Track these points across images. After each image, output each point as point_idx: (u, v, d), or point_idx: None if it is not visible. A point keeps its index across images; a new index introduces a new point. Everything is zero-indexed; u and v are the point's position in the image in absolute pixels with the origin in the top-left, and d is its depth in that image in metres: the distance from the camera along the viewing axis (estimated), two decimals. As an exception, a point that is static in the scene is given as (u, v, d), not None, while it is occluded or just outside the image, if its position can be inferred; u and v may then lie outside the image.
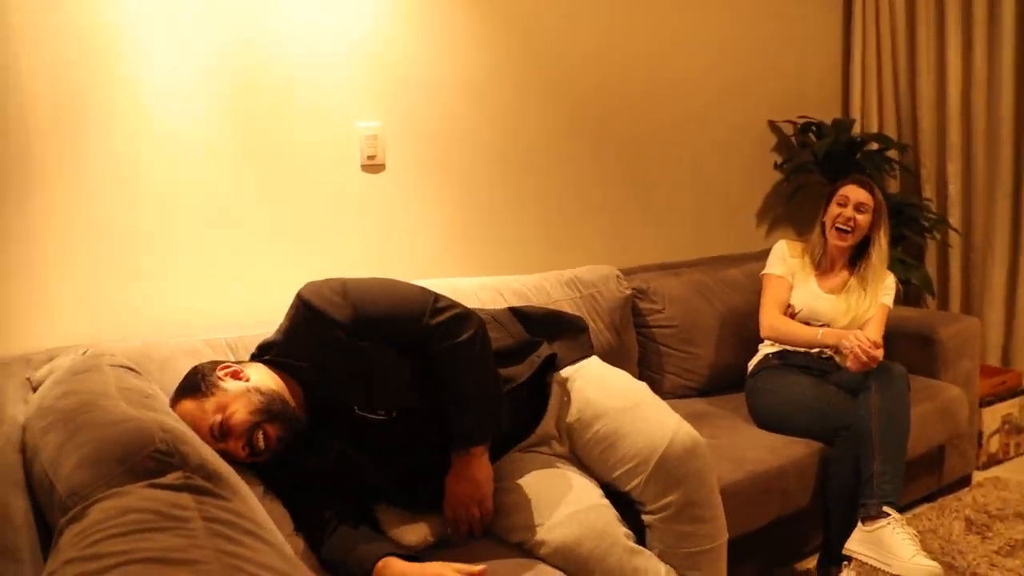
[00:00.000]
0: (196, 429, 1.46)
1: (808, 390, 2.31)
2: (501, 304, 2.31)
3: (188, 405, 1.52)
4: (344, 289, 1.63)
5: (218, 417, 1.50)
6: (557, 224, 2.77)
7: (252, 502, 1.22)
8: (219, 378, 1.55)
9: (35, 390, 1.59)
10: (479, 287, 2.34)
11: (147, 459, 1.07)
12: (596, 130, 2.84)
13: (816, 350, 2.45)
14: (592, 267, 2.61)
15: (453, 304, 1.66)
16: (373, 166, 2.40)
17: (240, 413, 1.51)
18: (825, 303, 2.48)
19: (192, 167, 2.10)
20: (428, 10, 2.41)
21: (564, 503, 1.64)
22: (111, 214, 2.01)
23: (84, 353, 1.65)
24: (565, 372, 1.84)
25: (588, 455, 1.78)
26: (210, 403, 1.51)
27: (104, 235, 2.01)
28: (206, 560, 0.82)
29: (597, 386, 1.82)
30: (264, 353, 1.67)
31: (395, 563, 1.46)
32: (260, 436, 1.52)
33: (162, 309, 2.09)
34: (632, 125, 2.93)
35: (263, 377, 1.58)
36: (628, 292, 2.59)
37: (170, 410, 1.48)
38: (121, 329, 2.02)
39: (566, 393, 1.81)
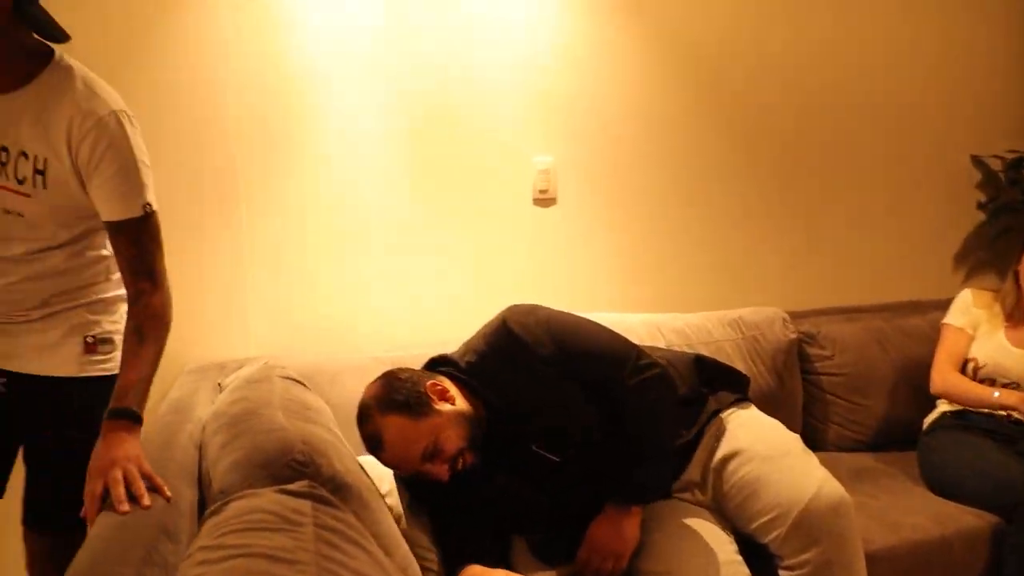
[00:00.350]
0: (403, 446, 1.55)
1: (987, 455, 2.12)
2: (659, 340, 2.33)
3: (400, 422, 1.55)
4: (548, 323, 1.67)
5: (431, 440, 1.54)
6: (725, 261, 2.74)
7: (376, 516, 1.33)
8: (431, 398, 1.58)
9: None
10: (640, 323, 2.37)
11: (285, 467, 1.21)
12: (771, 163, 2.77)
13: (1004, 412, 2.24)
14: (757, 308, 2.56)
15: (654, 362, 1.68)
16: (545, 200, 2.51)
17: (453, 440, 1.55)
18: (1014, 359, 2.27)
19: (375, 192, 2.32)
20: (605, 47, 2.49)
21: (697, 555, 1.63)
22: (300, 236, 2.27)
23: (263, 365, 1.86)
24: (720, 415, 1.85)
25: (729, 502, 1.75)
26: (425, 425, 1.54)
27: (293, 255, 2.27)
28: (306, 562, 0.94)
29: (747, 431, 1.80)
30: (443, 365, 1.72)
31: (475, 568, 1.53)
32: (461, 461, 1.58)
33: (338, 326, 2.32)
34: (812, 157, 2.82)
35: (463, 400, 1.62)
36: (794, 336, 2.51)
37: (329, 423, 1.61)
38: (302, 343, 2.27)
39: (717, 438, 1.80)
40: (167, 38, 2.09)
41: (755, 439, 1.77)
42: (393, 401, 1.56)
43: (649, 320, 2.42)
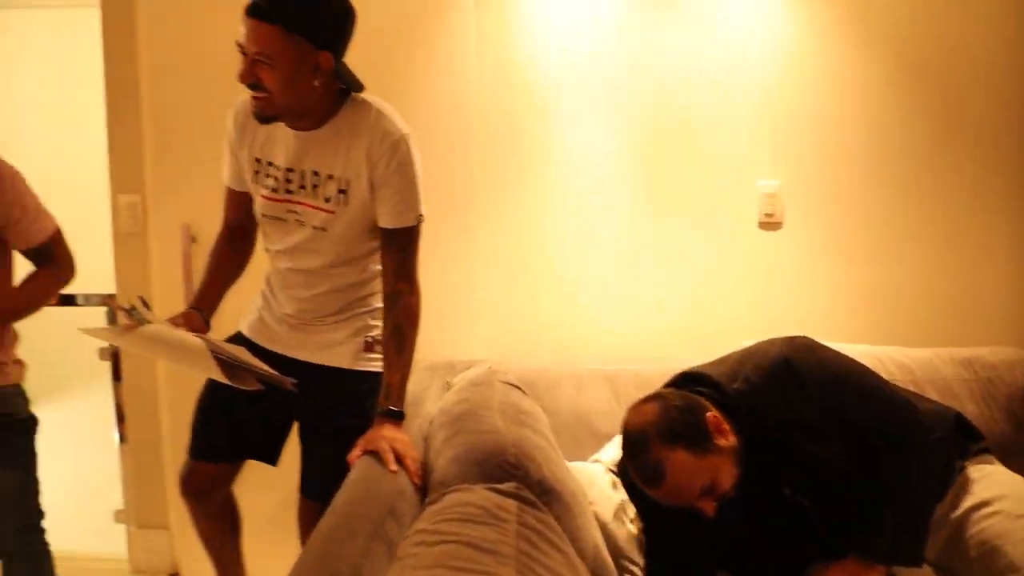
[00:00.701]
0: (685, 482, 1.51)
1: None
2: (881, 374, 2.24)
3: (685, 458, 1.50)
4: (835, 368, 1.64)
5: (709, 479, 1.51)
6: (958, 295, 2.54)
7: (577, 521, 1.45)
8: (714, 434, 1.53)
9: (450, 391, 2.01)
10: (860, 354, 2.28)
11: (496, 467, 1.37)
12: (1014, 190, 2.52)
13: None
14: (997, 348, 2.37)
15: (935, 426, 1.66)
16: (770, 224, 2.49)
17: (727, 482, 1.53)
18: None
19: (602, 207, 2.46)
20: (833, 68, 2.44)
21: None
22: (528, 247, 2.46)
23: (487, 369, 2.04)
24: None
25: (968, 553, 1.66)
26: (708, 463, 1.50)
27: (521, 266, 2.47)
28: (506, 554, 1.07)
29: (991, 484, 1.71)
30: (702, 384, 1.66)
31: None
32: (723, 498, 1.55)
33: (558, 335, 2.48)
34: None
35: (732, 434, 1.57)
36: (1037, 382, 2.30)
37: (544, 429, 1.72)
38: (524, 349, 2.45)
39: (961, 489, 1.73)
40: (420, 60, 2.37)
41: (1001, 493, 1.67)
42: (675, 433, 1.51)
43: (872, 352, 2.31)
